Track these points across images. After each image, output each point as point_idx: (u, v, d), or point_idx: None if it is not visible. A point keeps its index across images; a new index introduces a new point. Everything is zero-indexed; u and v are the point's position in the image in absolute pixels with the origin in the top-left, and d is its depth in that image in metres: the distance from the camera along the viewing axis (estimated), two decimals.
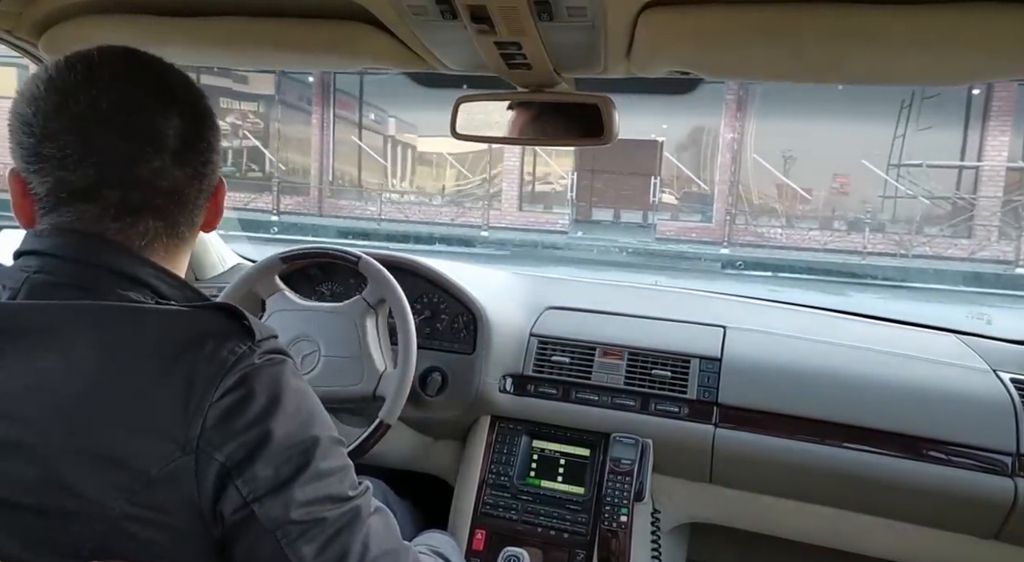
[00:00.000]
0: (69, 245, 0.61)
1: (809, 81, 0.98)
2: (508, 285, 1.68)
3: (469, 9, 0.77)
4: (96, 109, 0.60)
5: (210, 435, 0.55)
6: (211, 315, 0.61)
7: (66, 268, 0.61)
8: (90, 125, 0.60)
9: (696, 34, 0.83)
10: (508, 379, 1.43)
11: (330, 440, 0.63)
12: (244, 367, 0.58)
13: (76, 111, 0.60)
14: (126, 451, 0.54)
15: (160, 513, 0.55)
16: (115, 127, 0.61)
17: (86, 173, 0.60)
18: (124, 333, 0.57)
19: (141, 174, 0.62)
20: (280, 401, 0.59)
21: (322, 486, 0.60)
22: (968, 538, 1.24)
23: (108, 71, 0.62)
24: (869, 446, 1.24)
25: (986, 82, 1.47)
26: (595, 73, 1.01)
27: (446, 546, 1.03)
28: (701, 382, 1.35)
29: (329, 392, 1.25)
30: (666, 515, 1.38)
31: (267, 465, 0.57)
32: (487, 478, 1.40)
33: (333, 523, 0.60)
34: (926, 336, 1.53)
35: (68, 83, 0.61)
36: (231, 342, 0.59)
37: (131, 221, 0.63)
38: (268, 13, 0.97)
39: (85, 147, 0.60)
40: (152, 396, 0.56)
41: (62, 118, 0.60)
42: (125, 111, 0.61)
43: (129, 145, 0.61)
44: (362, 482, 0.66)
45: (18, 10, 1.04)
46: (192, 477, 0.55)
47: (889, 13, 0.75)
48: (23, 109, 0.61)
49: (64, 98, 0.60)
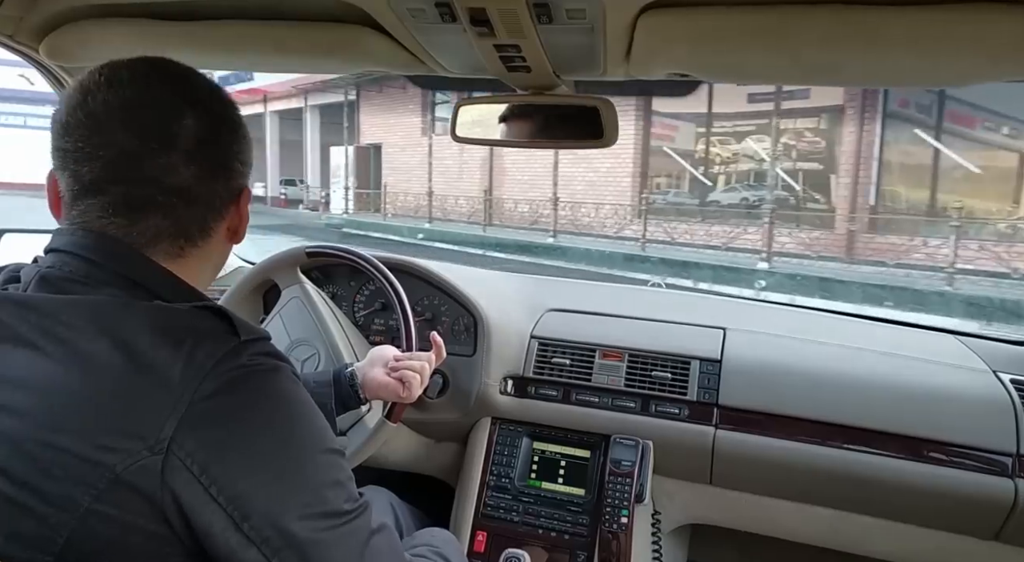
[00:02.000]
0: (76, 241, 0.62)
1: (807, 83, 0.99)
2: (508, 287, 1.68)
3: (468, 12, 0.77)
4: (109, 106, 0.61)
5: (183, 439, 0.53)
6: (199, 314, 0.60)
7: (73, 263, 0.61)
8: (101, 121, 0.61)
9: (695, 36, 0.83)
10: (509, 381, 1.43)
11: (326, 451, 0.60)
12: (228, 370, 0.56)
13: (91, 108, 0.61)
14: (95, 446, 0.53)
15: (125, 512, 0.53)
16: (124, 123, 0.61)
17: (93, 167, 0.61)
18: (108, 329, 0.57)
19: (147, 170, 0.62)
20: (269, 409, 0.57)
21: (318, 502, 0.58)
22: (968, 539, 1.24)
23: (129, 72, 0.63)
24: (869, 447, 1.24)
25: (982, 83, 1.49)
26: (594, 75, 1.02)
27: (447, 544, 1.02)
28: (701, 383, 1.35)
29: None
30: (667, 516, 1.38)
31: (253, 480, 0.55)
32: (488, 480, 1.40)
33: (331, 543, 0.58)
34: (926, 337, 1.54)
35: (91, 82, 0.63)
36: (215, 343, 0.57)
37: (134, 218, 0.63)
38: (268, 17, 0.98)
39: (95, 142, 0.61)
40: (127, 393, 0.55)
41: (79, 114, 0.61)
42: (136, 108, 0.62)
43: (136, 141, 0.61)
44: (362, 494, 0.64)
45: (19, 15, 1.04)
46: (157, 480, 0.53)
47: (886, 15, 0.75)
48: (57, 108, 0.64)
49: (84, 96, 0.62)
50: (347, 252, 1.37)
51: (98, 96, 0.62)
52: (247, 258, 1.86)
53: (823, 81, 0.99)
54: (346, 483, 0.62)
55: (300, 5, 0.95)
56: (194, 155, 0.63)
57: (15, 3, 0.99)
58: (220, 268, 0.76)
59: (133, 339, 0.56)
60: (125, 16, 1.00)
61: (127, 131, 0.61)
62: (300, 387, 0.61)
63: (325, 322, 1.32)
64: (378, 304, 1.51)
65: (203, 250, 0.68)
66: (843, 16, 0.77)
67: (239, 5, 0.96)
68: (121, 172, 0.62)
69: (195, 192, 0.65)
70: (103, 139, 0.61)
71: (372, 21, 0.90)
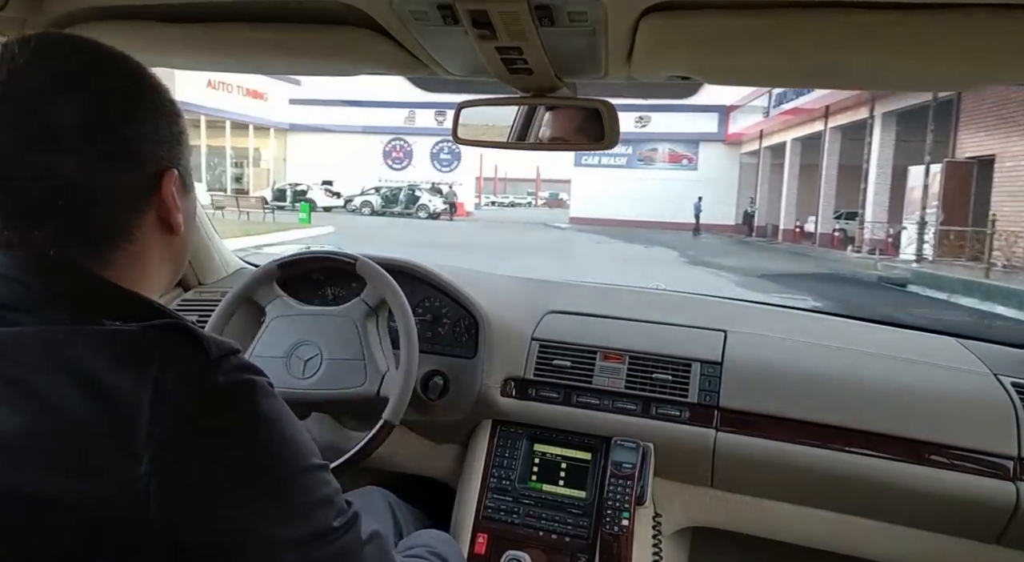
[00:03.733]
0: (3, 264, 0.55)
1: (808, 86, 1.00)
2: (509, 289, 1.68)
3: (470, 14, 0.78)
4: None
5: (162, 473, 0.49)
6: (159, 333, 0.54)
7: (3, 288, 0.55)
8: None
9: (696, 39, 0.84)
10: (509, 383, 1.43)
11: (311, 468, 0.57)
12: (201, 393, 0.52)
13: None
14: (62, 491, 0.48)
15: (111, 553, 0.50)
16: (3, 121, 0.54)
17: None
18: (62, 364, 0.51)
19: (27, 171, 0.55)
20: (248, 430, 0.53)
21: (306, 523, 0.55)
22: (970, 542, 1.24)
23: (18, 60, 0.55)
24: (870, 450, 1.24)
25: (983, 87, 1.47)
26: (596, 78, 1.02)
27: (443, 545, 1.02)
28: (702, 386, 1.35)
29: (333, 394, 1.26)
30: (667, 519, 1.38)
31: (239, 507, 0.52)
32: (489, 482, 1.40)
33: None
34: (927, 339, 1.53)
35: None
36: (181, 365, 0.52)
37: (31, 227, 0.56)
38: (271, 19, 0.98)
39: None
40: (88, 432, 0.49)
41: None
42: (8, 101, 0.54)
43: (10, 139, 0.54)
44: (350, 503, 0.61)
45: (23, 17, 1.05)
46: (143, 520, 0.49)
47: (887, 18, 0.76)
48: None
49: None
50: (320, 254, 1.38)
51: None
52: (251, 262, 1.86)
53: (824, 84, 0.99)
54: (334, 498, 0.59)
55: (303, 8, 0.95)
56: (81, 147, 0.55)
57: (19, 6, 1.00)
58: (179, 265, 0.69)
59: (91, 371, 0.51)
60: (129, 19, 1.01)
61: (6, 129, 0.54)
62: (277, 400, 0.57)
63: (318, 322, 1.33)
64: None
65: (131, 252, 0.60)
66: (845, 19, 0.77)
67: (242, 8, 0.97)
68: (3, 179, 0.55)
69: (89, 189, 0.56)
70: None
71: (374, 23, 0.90)
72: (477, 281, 1.57)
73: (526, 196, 64.00)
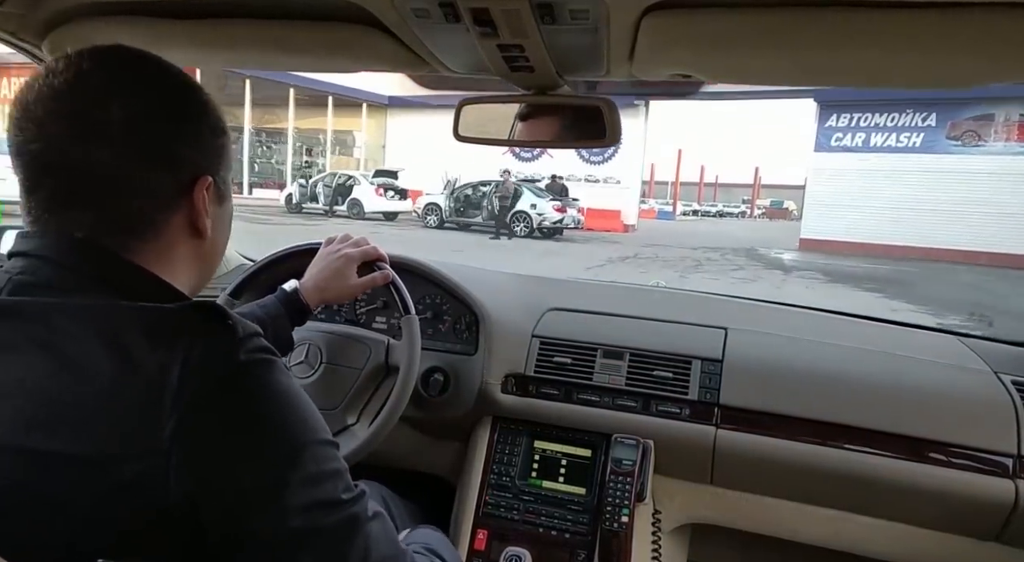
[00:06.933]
0: (45, 245, 0.60)
1: (810, 84, 0.99)
2: (510, 286, 1.68)
3: (472, 12, 0.77)
4: (41, 97, 0.60)
5: (183, 439, 0.53)
6: (191, 312, 0.58)
7: (44, 269, 0.59)
8: (32, 113, 0.60)
9: (698, 37, 0.84)
10: (510, 380, 1.44)
11: (321, 442, 0.61)
12: (225, 367, 0.56)
13: (27, 101, 0.60)
14: (92, 452, 0.52)
15: (127, 517, 0.53)
16: (51, 114, 0.59)
17: (26, 162, 0.60)
18: (100, 333, 0.55)
19: (72, 161, 0.59)
20: (265, 403, 0.57)
21: (316, 492, 0.58)
22: (969, 540, 1.24)
23: (65, 62, 0.61)
24: (870, 447, 1.24)
25: (985, 85, 1.48)
26: (597, 76, 1.02)
27: (439, 543, 1.03)
28: (702, 383, 1.35)
29: (346, 372, 1.27)
30: (667, 516, 1.38)
31: (253, 473, 0.56)
32: (489, 478, 1.40)
33: (330, 531, 0.59)
34: (927, 337, 1.54)
35: (33, 76, 0.61)
36: (210, 341, 0.56)
37: (66, 212, 0.60)
38: (272, 15, 0.98)
39: (27, 136, 0.60)
40: (123, 396, 0.53)
41: (17, 109, 0.60)
42: (64, 97, 0.60)
43: (61, 131, 0.59)
44: (358, 485, 0.64)
45: (22, 12, 1.04)
46: (160, 481, 0.53)
47: (888, 17, 0.75)
48: None
49: (26, 89, 0.60)
50: (282, 255, 1.38)
51: (34, 88, 0.60)
52: (250, 257, 1.86)
53: (826, 82, 0.99)
54: (343, 473, 0.62)
55: (304, 4, 0.95)
56: (121, 141, 0.60)
57: (18, 0, 1.00)
58: (205, 269, 0.73)
59: (126, 342, 0.55)
60: (128, 14, 1.01)
61: (54, 122, 0.59)
62: (292, 379, 0.62)
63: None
64: (379, 302, 1.52)
65: (158, 247, 0.64)
66: (846, 18, 0.77)
67: (243, 3, 0.96)
68: (49, 165, 0.60)
69: (124, 182, 0.61)
70: (33, 133, 0.59)
71: (375, 20, 0.90)
72: (478, 278, 1.57)
73: (740, 204, 51.97)
